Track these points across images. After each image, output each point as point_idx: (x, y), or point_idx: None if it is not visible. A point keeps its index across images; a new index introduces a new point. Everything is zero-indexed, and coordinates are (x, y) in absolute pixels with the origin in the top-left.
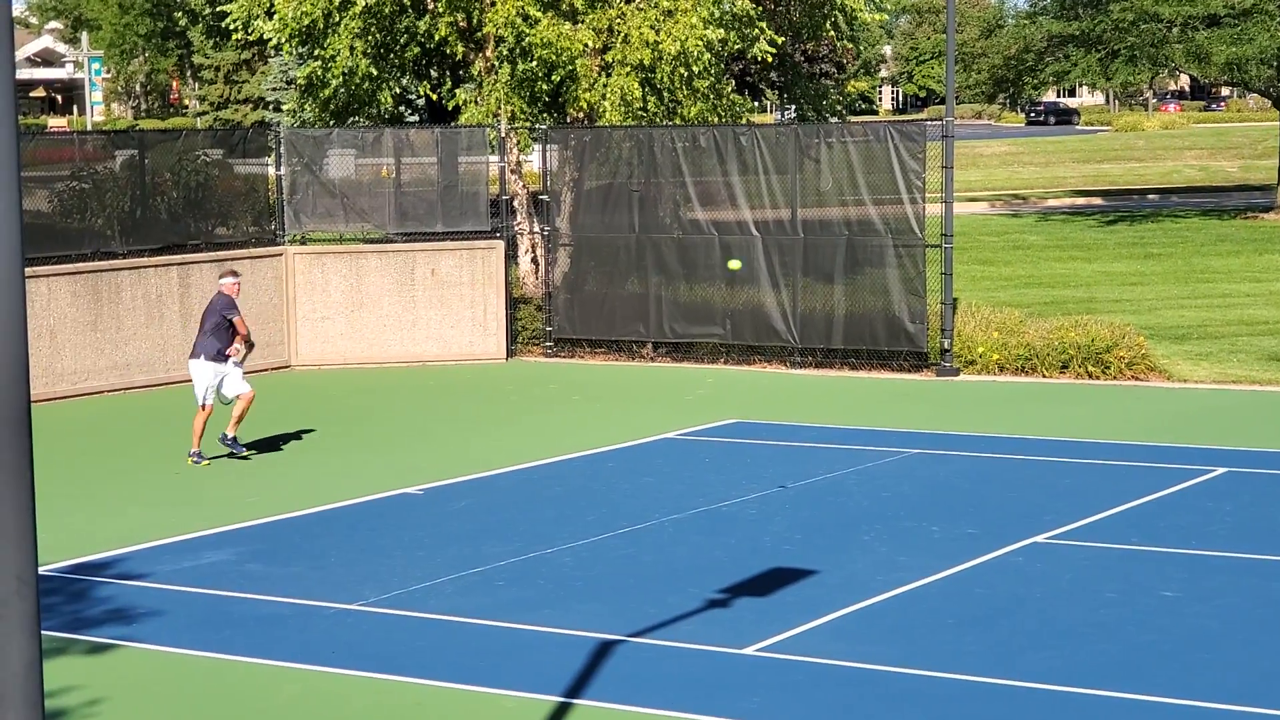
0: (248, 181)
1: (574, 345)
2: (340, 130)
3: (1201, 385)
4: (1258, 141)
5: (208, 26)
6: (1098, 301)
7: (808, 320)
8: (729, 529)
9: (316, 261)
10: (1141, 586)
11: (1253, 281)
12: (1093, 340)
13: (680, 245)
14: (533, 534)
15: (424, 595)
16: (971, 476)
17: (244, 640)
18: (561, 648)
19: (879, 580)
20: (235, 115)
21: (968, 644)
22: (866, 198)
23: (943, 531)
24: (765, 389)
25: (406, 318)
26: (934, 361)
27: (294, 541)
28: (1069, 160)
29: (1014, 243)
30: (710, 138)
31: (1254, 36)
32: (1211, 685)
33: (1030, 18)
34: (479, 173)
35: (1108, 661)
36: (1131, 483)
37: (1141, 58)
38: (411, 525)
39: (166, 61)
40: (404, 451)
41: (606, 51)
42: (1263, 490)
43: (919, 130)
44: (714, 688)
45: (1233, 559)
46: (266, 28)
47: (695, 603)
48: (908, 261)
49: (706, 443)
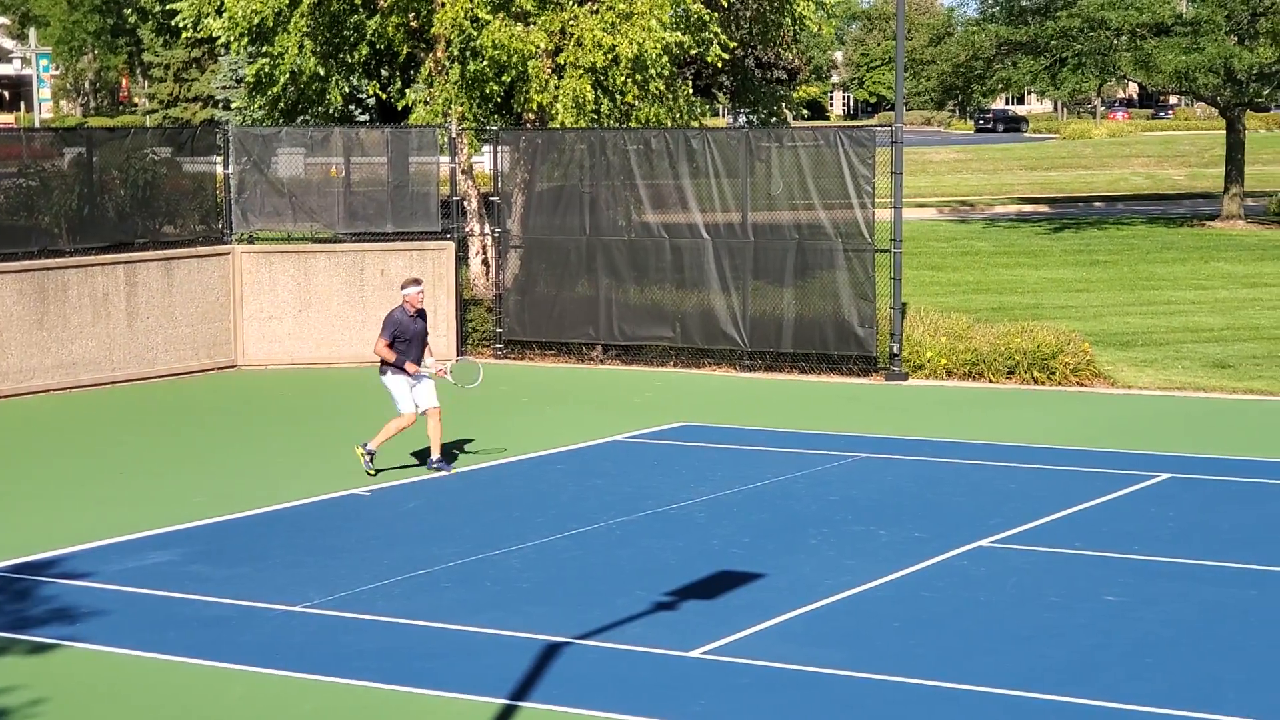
0: (196, 180)
1: (524, 347)
2: (289, 129)
3: (1146, 391)
4: (1205, 149)
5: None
6: (1044, 308)
7: (757, 323)
8: (677, 532)
9: (264, 261)
10: (1085, 591)
11: (1198, 289)
12: (1038, 346)
13: (631, 248)
14: (480, 536)
15: (370, 597)
16: (919, 481)
17: (188, 641)
18: (508, 650)
19: (826, 583)
20: (185, 113)
21: (914, 647)
22: (817, 202)
23: (890, 535)
24: (715, 392)
25: (355, 318)
26: (883, 366)
27: (240, 542)
28: (1017, 167)
29: (962, 249)
30: (662, 141)
31: (1203, 47)
32: (1156, 690)
33: (979, 25)
34: (429, 173)
35: (1053, 665)
36: (1076, 488)
37: (1089, 65)
38: (358, 527)
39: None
40: (351, 452)
41: (559, 53)
42: (1205, 496)
43: (869, 136)
44: (661, 690)
45: (1175, 564)
46: (216, 26)
47: (642, 605)
48: (857, 266)
49: (655, 445)
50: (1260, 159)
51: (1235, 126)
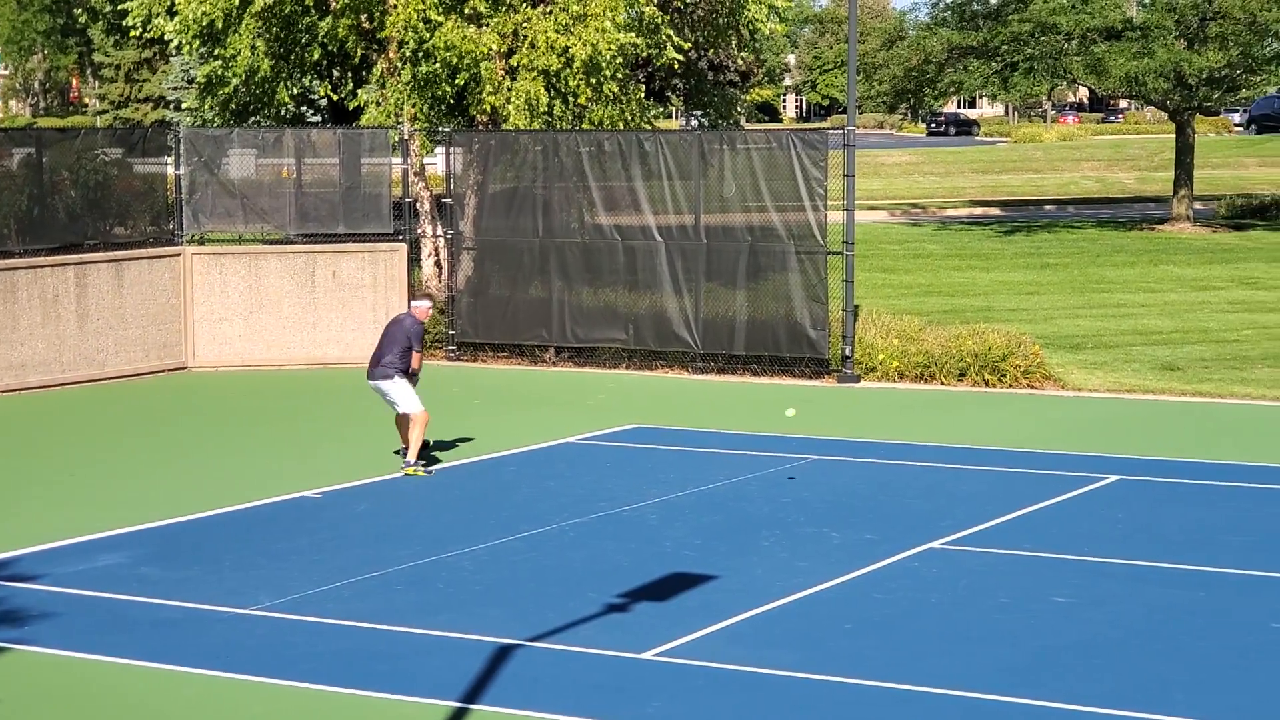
0: (146, 181)
1: (477, 349)
2: (240, 130)
3: (1095, 394)
4: (1154, 154)
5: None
6: (995, 310)
7: (710, 326)
8: (630, 533)
9: (215, 262)
10: (1035, 592)
11: (1147, 292)
12: (989, 349)
13: (584, 250)
14: (432, 538)
15: (321, 599)
16: (871, 483)
17: (138, 644)
18: (460, 652)
19: (778, 585)
20: (136, 114)
21: (865, 649)
22: (769, 204)
23: (842, 537)
24: (667, 394)
25: (307, 320)
26: (835, 368)
27: (190, 545)
28: (968, 170)
29: (914, 251)
30: (615, 143)
31: (1153, 51)
32: (1104, 690)
33: (930, 29)
34: (381, 174)
35: (1003, 666)
36: (1026, 490)
37: (1040, 69)
38: (309, 529)
39: (66, 59)
40: (302, 455)
41: (512, 55)
42: (1154, 498)
43: (821, 138)
44: (613, 692)
45: (1124, 565)
46: (168, 27)
47: (595, 607)
48: (809, 268)
49: (608, 447)
50: (1209, 163)
51: (1185, 130)
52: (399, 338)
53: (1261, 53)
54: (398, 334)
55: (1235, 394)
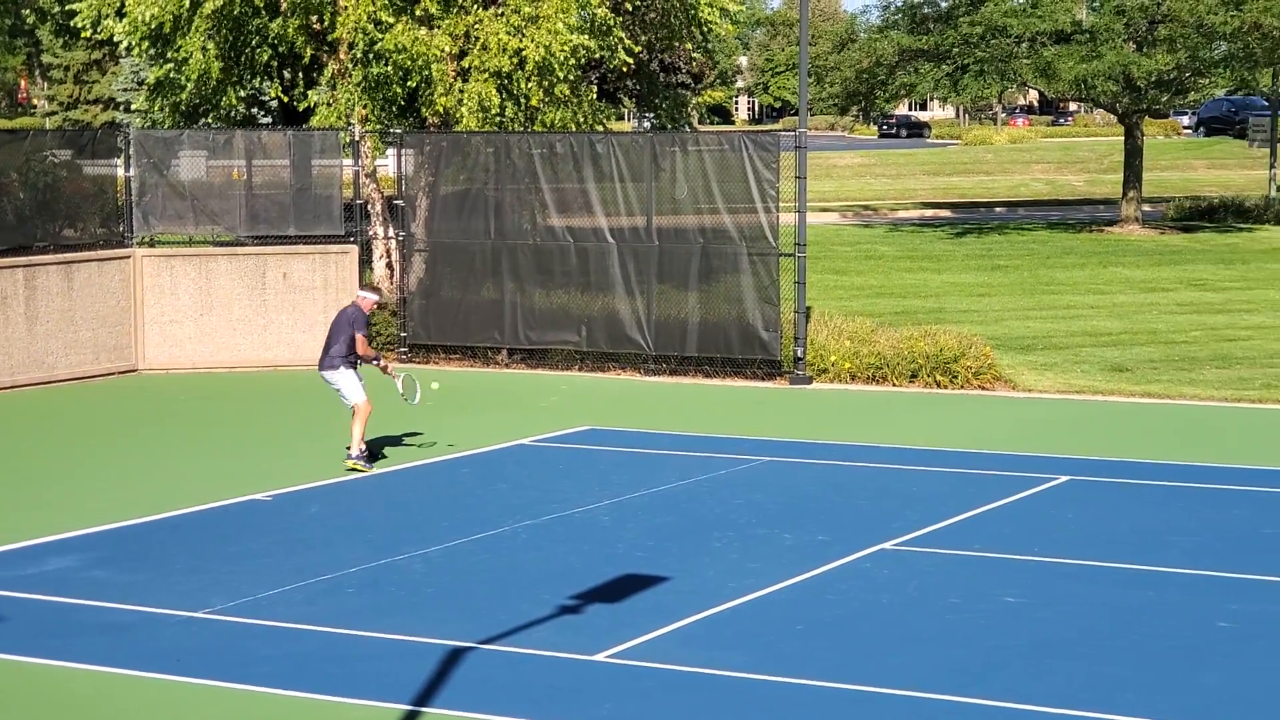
0: (96, 183)
1: (429, 351)
2: (190, 132)
3: (1046, 395)
4: (1104, 156)
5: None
6: (946, 312)
7: (662, 327)
8: (582, 535)
9: (165, 264)
10: (986, 593)
11: (1097, 294)
12: (941, 350)
13: (536, 252)
14: (384, 540)
15: (272, 602)
16: (823, 484)
17: (88, 648)
18: (412, 655)
19: (730, 587)
20: (85, 115)
21: (817, 650)
22: (721, 206)
23: (794, 539)
24: (620, 396)
25: (258, 322)
26: (787, 370)
27: (140, 548)
28: (919, 172)
29: (866, 253)
30: (566, 144)
31: (1102, 54)
32: (1055, 690)
33: (881, 32)
34: (332, 176)
35: (955, 666)
36: (977, 490)
37: (991, 72)
38: (260, 532)
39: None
40: (253, 457)
41: (464, 57)
42: (1104, 498)
43: (773, 140)
44: (565, 694)
45: (1075, 565)
46: (117, 29)
47: (547, 609)
48: (762, 270)
49: (560, 449)
50: (1158, 165)
51: (1133, 133)
52: (343, 327)
53: (1209, 55)
54: (342, 324)
55: (1184, 395)
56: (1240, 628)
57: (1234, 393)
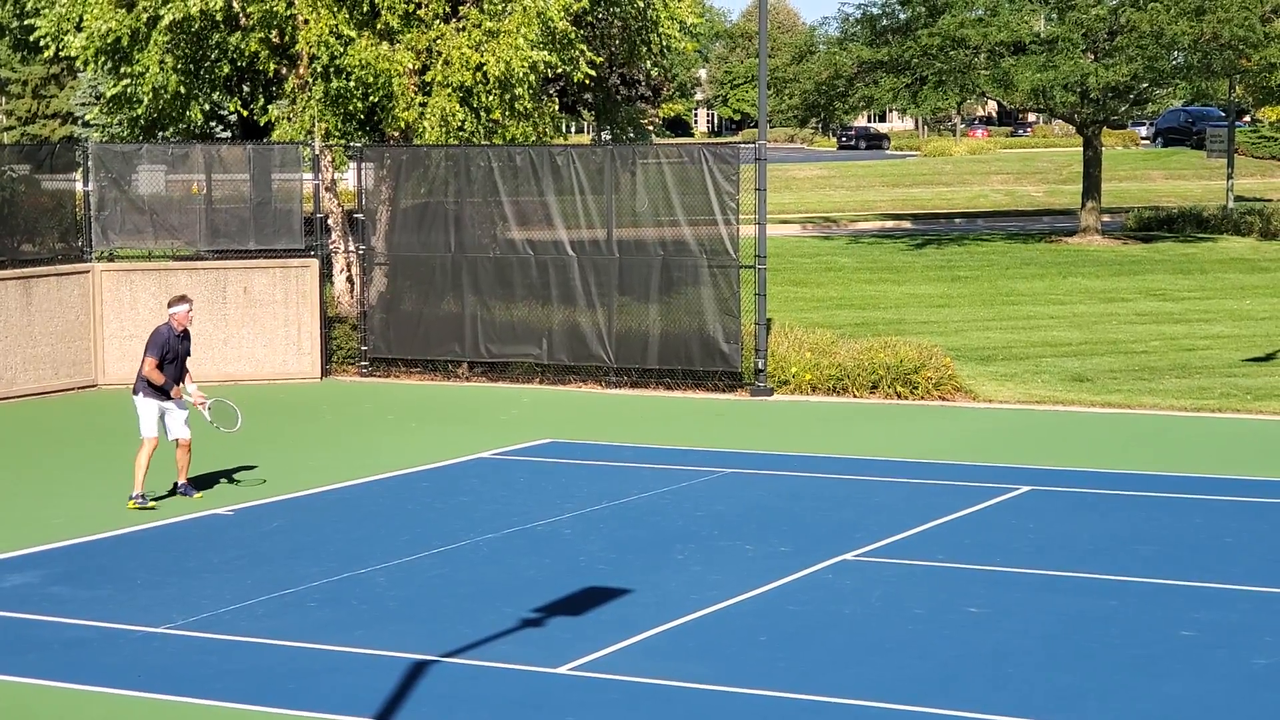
0: (55, 197)
1: (389, 365)
2: (150, 146)
3: (1006, 405)
4: (1062, 166)
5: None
6: (907, 323)
7: (623, 340)
8: (544, 548)
9: (124, 279)
10: (948, 603)
11: (1056, 304)
12: (901, 361)
13: (497, 265)
14: (346, 554)
15: (234, 617)
16: (784, 495)
17: (47, 664)
18: (374, 669)
19: (692, 599)
20: (44, 130)
21: (779, 661)
22: (681, 218)
23: (756, 550)
24: (581, 409)
25: (218, 336)
26: (748, 381)
27: (100, 564)
28: (879, 184)
29: (826, 264)
30: (526, 157)
31: (1059, 64)
32: (1017, 700)
33: (841, 44)
34: (293, 190)
35: (917, 677)
36: (938, 501)
37: (950, 83)
38: (222, 546)
39: None
40: (213, 472)
41: (425, 72)
42: (1064, 508)
43: (733, 152)
44: (528, 707)
45: (1036, 575)
46: (73, 44)
47: (509, 622)
48: (722, 282)
49: (522, 462)
50: (1116, 175)
51: (1092, 143)
52: (146, 348)
53: (1166, 65)
54: (147, 345)
55: (1144, 404)
56: (1202, 636)
57: (1193, 402)
